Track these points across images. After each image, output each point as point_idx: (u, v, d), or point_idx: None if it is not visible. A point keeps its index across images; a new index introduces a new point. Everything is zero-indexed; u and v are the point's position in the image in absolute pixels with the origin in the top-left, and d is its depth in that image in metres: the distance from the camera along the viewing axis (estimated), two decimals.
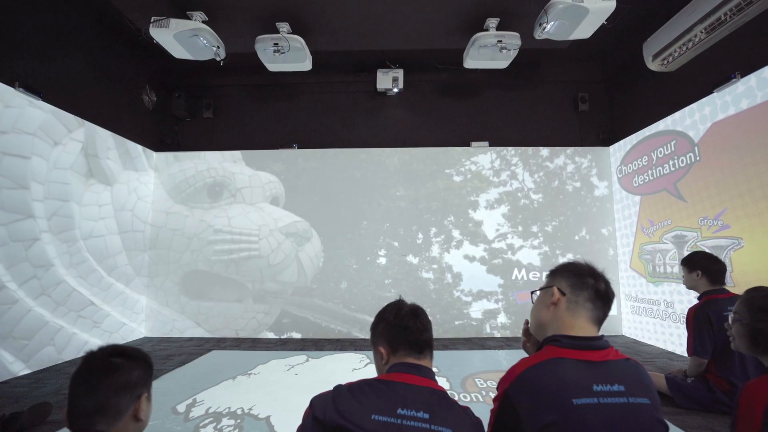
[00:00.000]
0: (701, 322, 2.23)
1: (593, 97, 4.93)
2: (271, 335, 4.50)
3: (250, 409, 2.40)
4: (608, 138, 4.83)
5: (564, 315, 1.04)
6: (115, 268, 4.03)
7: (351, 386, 1.01)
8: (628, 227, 4.45)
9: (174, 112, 4.91)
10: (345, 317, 4.55)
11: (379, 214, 4.72)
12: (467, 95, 4.95)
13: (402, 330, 1.09)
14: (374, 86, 4.76)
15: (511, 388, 0.95)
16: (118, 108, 4.26)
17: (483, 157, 4.77)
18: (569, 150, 4.74)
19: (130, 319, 4.25)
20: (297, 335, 4.50)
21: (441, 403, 0.98)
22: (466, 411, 1.01)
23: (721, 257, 3.15)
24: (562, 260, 4.09)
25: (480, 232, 4.73)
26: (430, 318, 1.16)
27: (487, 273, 4.66)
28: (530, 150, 4.74)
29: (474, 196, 4.75)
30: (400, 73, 4.70)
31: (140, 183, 4.47)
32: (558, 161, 4.75)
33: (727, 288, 2.35)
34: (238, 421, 2.23)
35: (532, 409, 0.89)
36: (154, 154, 4.74)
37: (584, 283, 1.03)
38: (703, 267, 2.33)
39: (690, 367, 2.36)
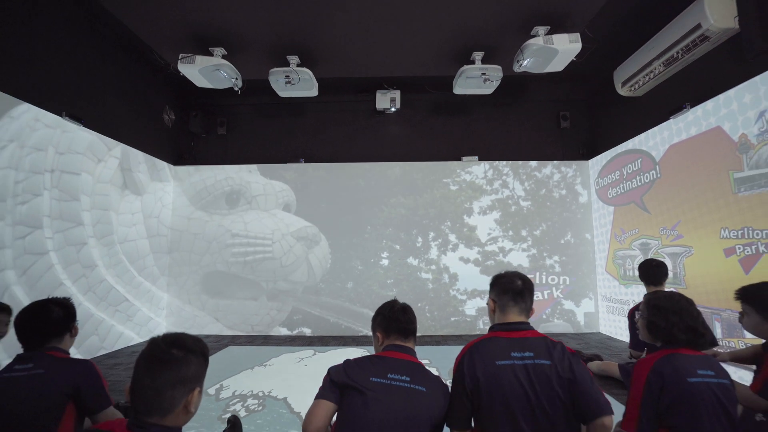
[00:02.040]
0: (633, 322, 2.70)
1: (574, 114, 5.39)
2: (284, 330, 4.97)
3: (270, 392, 2.87)
4: (588, 153, 5.29)
5: (499, 315, 1.52)
6: (144, 268, 4.53)
7: (357, 359, 1.48)
8: (603, 234, 4.91)
9: (191, 129, 5.38)
10: (351, 313, 5.01)
11: (381, 219, 5.19)
12: (459, 113, 5.41)
13: (394, 321, 1.56)
14: (374, 105, 5.22)
15: (463, 357, 1.43)
16: (143, 127, 4.72)
17: (476, 168, 5.23)
18: (555, 162, 5.21)
19: (156, 314, 4.75)
20: (307, 330, 4.97)
21: (418, 371, 1.45)
22: (437, 378, 1.48)
23: (676, 263, 3.63)
24: (549, 261, 4.54)
25: (474, 236, 5.18)
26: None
27: (480, 273, 5.11)
28: (519, 161, 5.21)
29: (468, 204, 5.21)
30: (397, 94, 5.16)
31: (164, 192, 4.97)
32: (545, 171, 5.22)
33: (665, 290, 2.80)
34: (261, 400, 2.70)
35: (471, 368, 1.37)
36: (174, 168, 5.21)
37: (505, 290, 1.50)
38: (643, 273, 2.79)
39: (632, 357, 2.83)
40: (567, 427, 1.35)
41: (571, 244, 5.16)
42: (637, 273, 4.24)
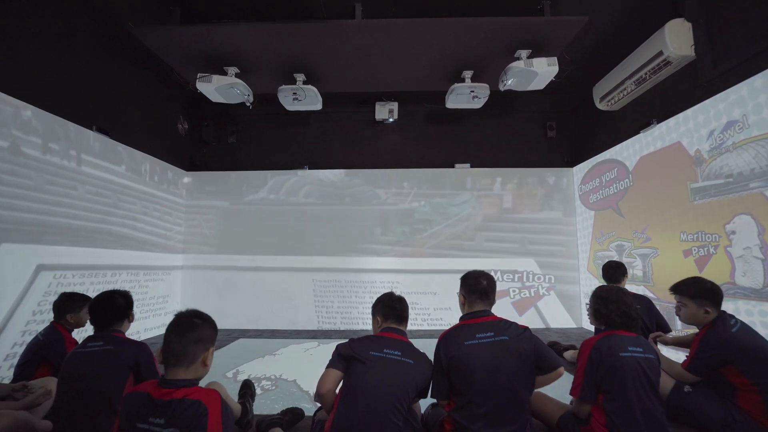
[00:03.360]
0: None
1: (560, 125, 5.79)
2: (291, 327, 5.35)
3: (281, 375, 3.26)
4: (572, 160, 5.69)
5: (467, 307, 1.94)
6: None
7: (360, 338, 1.88)
8: (586, 236, 5.31)
9: (203, 138, 5.78)
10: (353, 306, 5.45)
11: (382, 222, 5.59)
12: (452, 123, 5.80)
13: (392, 309, 1.97)
14: (373, 116, 5.62)
15: (439, 343, 1.83)
16: (159, 136, 5.12)
17: (471, 174, 5.63)
18: (542, 169, 5.62)
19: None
20: (312, 325, 5.37)
21: (408, 348, 1.85)
22: (422, 353, 1.88)
23: (645, 263, 4.03)
24: (536, 261, 4.92)
25: (468, 238, 5.58)
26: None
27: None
28: (509, 168, 5.62)
29: (462, 208, 5.60)
30: (395, 106, 5.57)
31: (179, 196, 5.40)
32: (533, 177, 5.62)
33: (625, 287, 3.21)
34: (273, 382, 3.09)
35: (446, 349, 1.78)
36: (186, 173, 5.62)
37: (473, 290, 1.90)
38: (604, 273, 3.18)
39: None
40: (523, 387, 1.76)
41: (556, 244, 5.56)
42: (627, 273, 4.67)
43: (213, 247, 5.55)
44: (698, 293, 2.18)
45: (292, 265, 5.51)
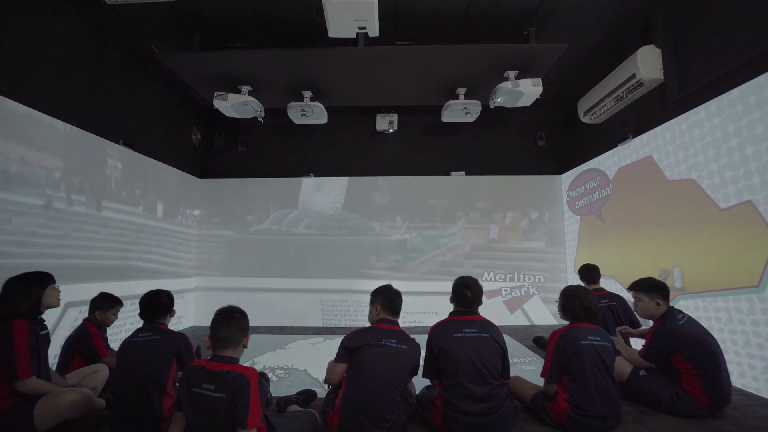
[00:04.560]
0: None
1: (549, 135, 6.18)
2: (298, 324, 5.74)
3: (292, 365, 3.65)
4: (560, 168, 6.07)
5: (455, 308, 2.32)
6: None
7: (360, 329, 2.26)
8: (572, 240, 5.69)
9: (215, 147, 6.17)
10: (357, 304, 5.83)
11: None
12: (448, 133, 6.18)
13: (390, 301, 2.33)
14: (374, 127, 6.01)
15: (431, 334, 2.23)
16: (175, 146, 5.50)
17: (465, 180, 6.01)
18: (532, 176, 6.01)
19: (186, 310, 5.54)
20: (318, 322, 5.75)
21: (402, 336, 2.23)
22: (413, 339, 2.26)
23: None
24: (527, 263, 5.33)
25: (462, 239, 5.96)
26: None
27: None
28: (502, 175, 6.01)
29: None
30: (394, 117, 5.95)
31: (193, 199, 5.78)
32: (524, 183, 6.00)
33: (602, 287, 3.60)
34: (286, 371, 3.48)
35: (437, 340, 2.17)
36: (199, 181, 6.01)
37: (459, 299, 2.29)
38: (582, 275, 3.56)
39: None
40: (498, 373, 2.16)
41: (546, 247, 5.95)
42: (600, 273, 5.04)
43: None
44: (650, 287, 2.58)
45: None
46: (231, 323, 1.75)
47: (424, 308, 5.71)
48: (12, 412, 2.03)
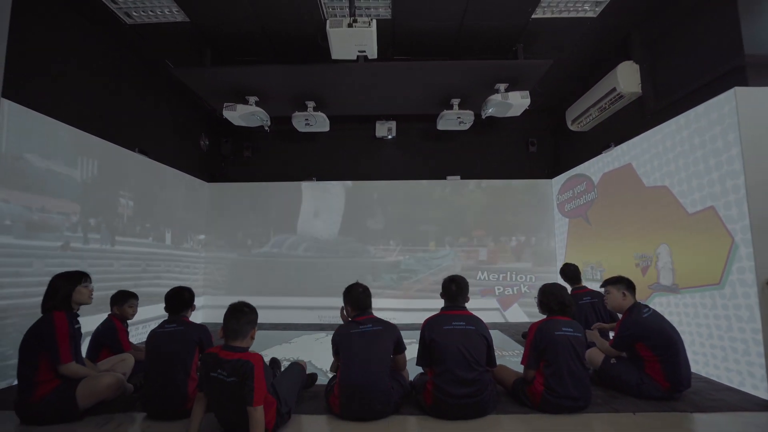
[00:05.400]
0: None
1: (540, 141, 6.48)
2: (301, 320, 6.04)
3: (297, 357, 3.95)
4: (550, 173, 6.37)
5: (445, 303, 2.63)
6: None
7: (342, 326, 2.57)
8: (562, 240, 5.99)
9: (222, 152, 6.47)
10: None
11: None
12: (444, 140, 6.49)
13: (358, 301, 2.60)
14: (374, 133, 6.31)
15: (424, 326, 2.53)
16: (184, 152, 5.81)
17: (460, 183, 6.32)
18: (524, 180, 6.32)
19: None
20: (319, 319, 6.05)
21: (375, 320, 2.55)
22: (387, 321, 2.57)
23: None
24: (518, 265, 5.65)
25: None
26: None
27: (461, 270, 6.18)
28: (495, 180, 6.31)
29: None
30: (393, 124, 6.25)
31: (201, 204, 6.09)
32: (517, 187, 6.31)
33: (584, 285, 3.90)
34: (291, 361, 3.77)
35: (429, 332, 2.48)
36: (207, 185, 6.32)
37: (448, 289, 2.60)
38: (564, 275, 3.87)
39: None
40: (482, 361, 2.46)
41: (537, 248, 6.25)
42: (581, 273, 5.34)
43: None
44: (616, 280, 2.92)
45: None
46: (240, 317, 2.07)
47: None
48: (57, 392, 2.33)
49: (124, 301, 3.25)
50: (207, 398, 2.09)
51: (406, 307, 6.06)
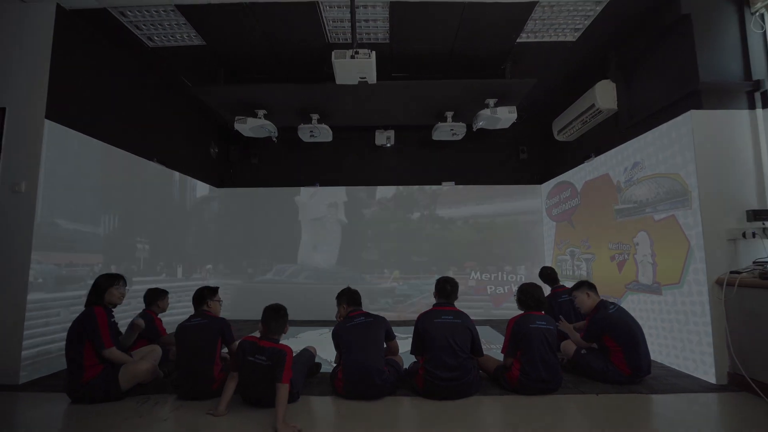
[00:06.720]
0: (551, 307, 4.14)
1: (530, 149, 6.88)
2: (303, 318, 6.42)
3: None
4: (540, 179, 6.77)
5: (437, 300, 3.04)
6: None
7: (340, 322, 3.01)
8: (549, 243, 6.39)
9: (230, 159, 6.87)
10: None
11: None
12: (440, 148, 6.87)
13: (352, 296, 3.10)
14: (374, 141, 6.71)
15: (418, 321, 2.96)
16: (195, 159, 6.20)
17: (455, 188, 6.72)
18: (515, 186, 6.72)
19: None
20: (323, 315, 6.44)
21: (367, 314, 3.00)
22: (377, 315, 3.01)
23: (588, 266, 5.10)
24: (510, 266, 6.03)
25: (455, 241, 6.66)
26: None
27: (453, 274, 6.58)
28: (488, 185, 6.72)
29: (449, 215, 6.69)
30: (392, 133, 6.65)
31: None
32: (508, 192, 6.71)
33: (564, 284, 4.29)
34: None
35: (422, 324, 2.90)
36: (217, 190, 6.72)
37: (442, 288, 3.01)
38: (543, 276, 4.27)
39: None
40: (467, 349, 2.86)
41: (527, 250, 6.65)
42: (569, 273, 5.75)
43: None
44: (578, 286, 3.37)
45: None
46: (279, 318, 2.64)
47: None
48: (102, 375, 2.73)
49: (162, 298, 3.73)
50: (239, 377, 2.56)
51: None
